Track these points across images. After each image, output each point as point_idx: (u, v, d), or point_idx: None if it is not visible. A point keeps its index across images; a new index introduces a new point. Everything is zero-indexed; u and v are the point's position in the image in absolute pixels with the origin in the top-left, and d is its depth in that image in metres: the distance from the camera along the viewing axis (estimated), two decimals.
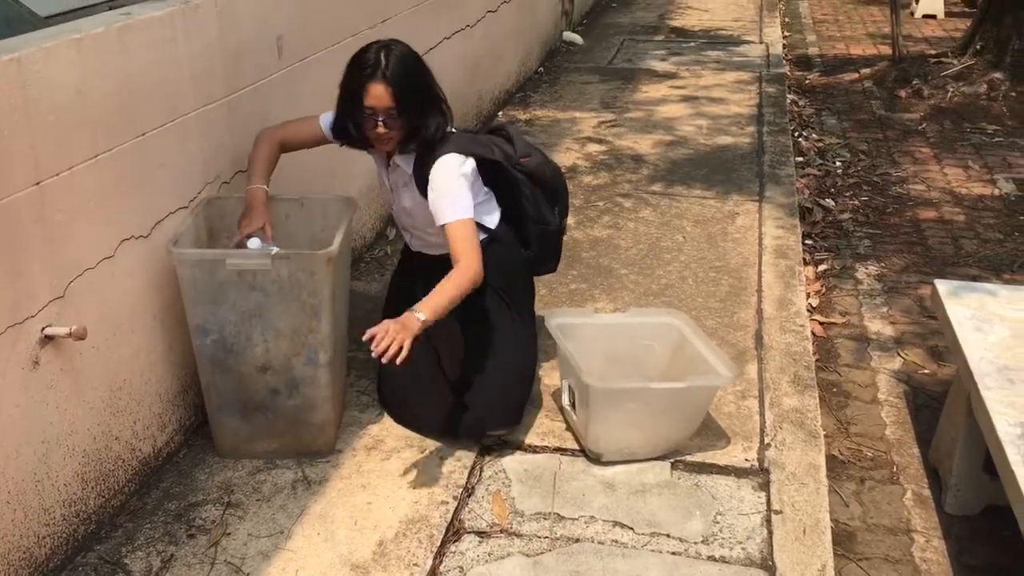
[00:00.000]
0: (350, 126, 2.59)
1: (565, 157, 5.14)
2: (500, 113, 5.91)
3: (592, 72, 7.04)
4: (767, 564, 2.25)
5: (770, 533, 2.35)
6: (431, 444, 2.69)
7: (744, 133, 5.59)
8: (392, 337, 2.22)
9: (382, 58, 2.47)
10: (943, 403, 2.91)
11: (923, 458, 2.92)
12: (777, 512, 2.42)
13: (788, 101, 6.39)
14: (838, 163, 5.53)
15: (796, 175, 4.96)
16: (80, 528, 2.25)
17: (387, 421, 2.80)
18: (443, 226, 2.52)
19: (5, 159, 1.90)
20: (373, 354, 2.21)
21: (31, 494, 2.07)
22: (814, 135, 6.02)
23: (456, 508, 2.44)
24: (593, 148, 5.32)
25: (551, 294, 3.57)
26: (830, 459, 2.83)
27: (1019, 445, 2.19)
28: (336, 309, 2.54)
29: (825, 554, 2.28)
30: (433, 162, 2.56)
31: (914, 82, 6.86)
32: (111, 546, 2.29)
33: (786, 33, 8.88)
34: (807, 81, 7.39)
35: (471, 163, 2.60)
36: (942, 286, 2.90)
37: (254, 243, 2.50)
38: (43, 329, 2.05)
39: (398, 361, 2.22)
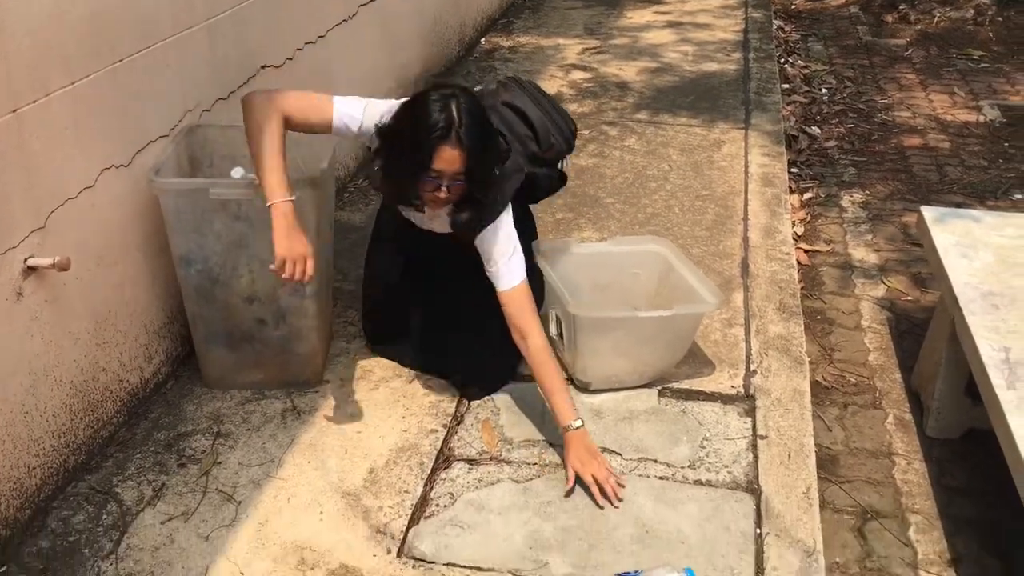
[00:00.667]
0: (400, 181, 2.25)
1: (549, 84, 5.07)
2: (483, 40, 5.81)
3: None
4: (752, 487, 2.29)
5: (755, 457, 2.39)
6: (419, 374, 2.69)
7: (730, 60, 5.53)
8: (605, 478, 2.25)
9: (455, 115, 2.12)
10: (926, 329, 2.94)
11: (905, 383, 2.96)
12: (762, 437, 2.45)
13: (774, 27, 6.31)
14: (824, 90, 5.49)
15: (782, 102, 4.92)
16: (70, 459, 2.25)
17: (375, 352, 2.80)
18: (513, 291, 2.38)
19: None
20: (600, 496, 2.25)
21: (20, 425, 2.07)
22: (800, 61, 5.97)
23: (446, 436, 2.46)
24: (578, 75, 5.25)
25: (537, 224, 3.54)
26: (814, 385, 2.86)
27: (1002, 369, 2.22)
28: (321, 238, 2.51)
29: (809, 477, 2.32)
30: (481, 226, 2.36)
31: (900, 7, 6.79)
32: (102, 476, 2.29)
33: None
34: (793, 6, 7.30)
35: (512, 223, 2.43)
36: (928, 213, 2.91)
37: (237, 172, 2.46)
38: (25, 260, 2.02)
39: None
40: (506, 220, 2.39)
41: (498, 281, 2.38)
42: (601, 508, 2.21)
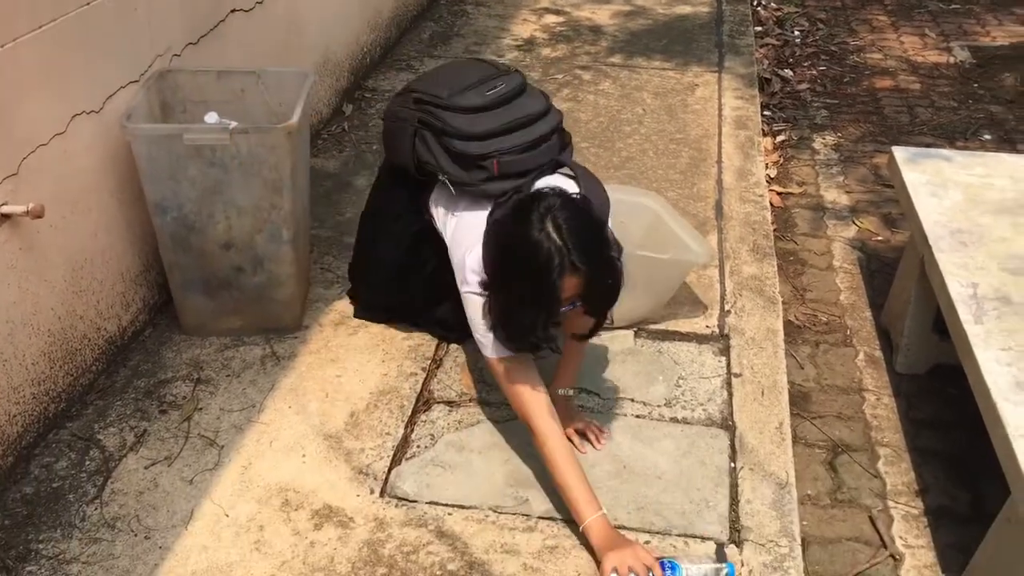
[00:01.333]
0: (529, 332, 1.95)
1: (522, 29, 5.03)
2: None
3: None
4: (727, 424, 2.34)
5: (730, 395, 2.43)
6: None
7: (703, 2, 5.50)
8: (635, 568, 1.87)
9: (559, 240, 1.83)
10: (896, 269, 2.99)
11: (875, 321, 3.01)
12: (736, 375, 2.50)
13: None
14: (796, 32, 5.49)
15: (755, 45, 4.92)
16: (51, 406, 2.26)
17: None
18: None
19: None
20: None
21: None
22: (773, 4, 5.95)
23: (425, 379, 2.48)
24: (550, 19, 5.21)
25: None
26: (787, 324, 2.91)
27: (969, 304, 2.27)
28: (298, 185, 2.51)
29: (782, 413, 2.37)
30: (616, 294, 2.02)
31: None
32: (83, 423, 2.30)
33: None
34: None
35: None
36: (899, 153, 2.94)
37: (211, 117, 2.44)
38: None
39: None
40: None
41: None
42: None
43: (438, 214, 2.34)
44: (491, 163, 2.18)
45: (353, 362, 2.54)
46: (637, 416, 2.37)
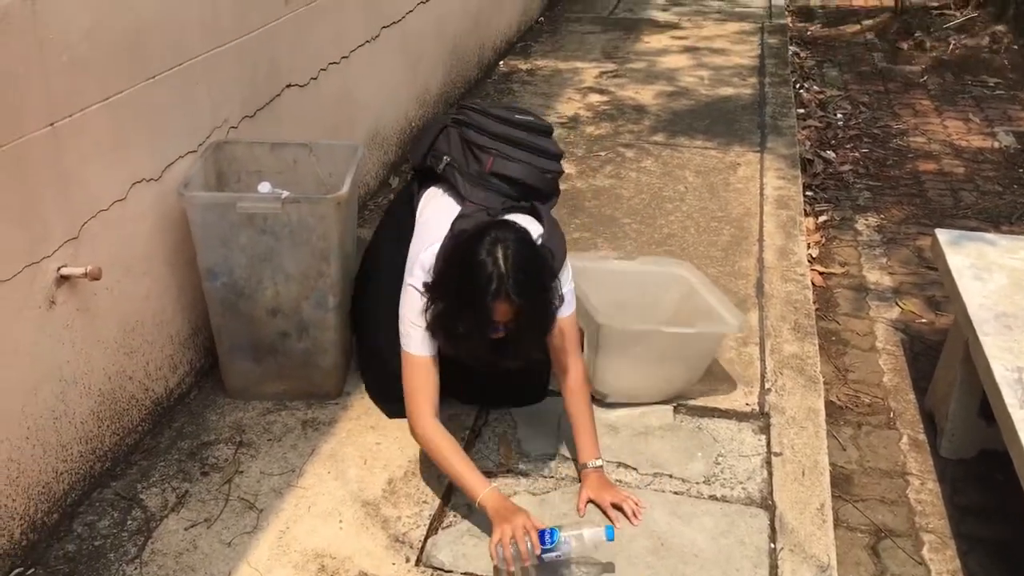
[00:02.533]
0: (460, 343, 2.14)
1: (566, 107, 5.13)
2: (502, 62, 5.88)
3: (593, 22, 6.99)
4: (767, 503, 2.31)
5: (770, 474, 2.41)
6: None
7: (746, 84, 5.59)
8: (623, 499, 2.26)
9: (503, 269, 2.02)
10: (940, 351, 2.97)
11: (919, 404, 2.98)
12: (777, 454, 2.48)
13: (790, 52, 6.36)
14: (839, 115, 5.53)
15: (797, 126, 4.97)
16: (96, 465, 2.30)
17: None
18: (562, 326, 2.32)
19: (20, 100, 1.91)
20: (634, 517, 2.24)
21: (49, 431, 2.12)
22: (815, 87, 6.02)
23: (464, 448, 2.48)
24: (595, 98, 5.31)
25: None
26: (828, 405, 2.89)
27: (1016, 389, 2.24)
28: (345, 253, 2.57)
29: (823, 494, 2.34)
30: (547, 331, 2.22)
31: (916, 34, 6.84)
32: (127, 483, 2.34)
33: None
34: (809, 32, 7.36)
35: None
36: (942, 235, 2.94)
37: (264, 187, 2.52)
38: (59, 269, 2.07)
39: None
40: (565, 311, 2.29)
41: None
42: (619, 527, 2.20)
43: (419, 208, 2.51)
44: (487, 158, 2.44)
45: (392, 430, 2.56)
46: (675, 492, 2.35)
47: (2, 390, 1.96)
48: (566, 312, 2.31)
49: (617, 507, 2.27)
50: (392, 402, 2.56)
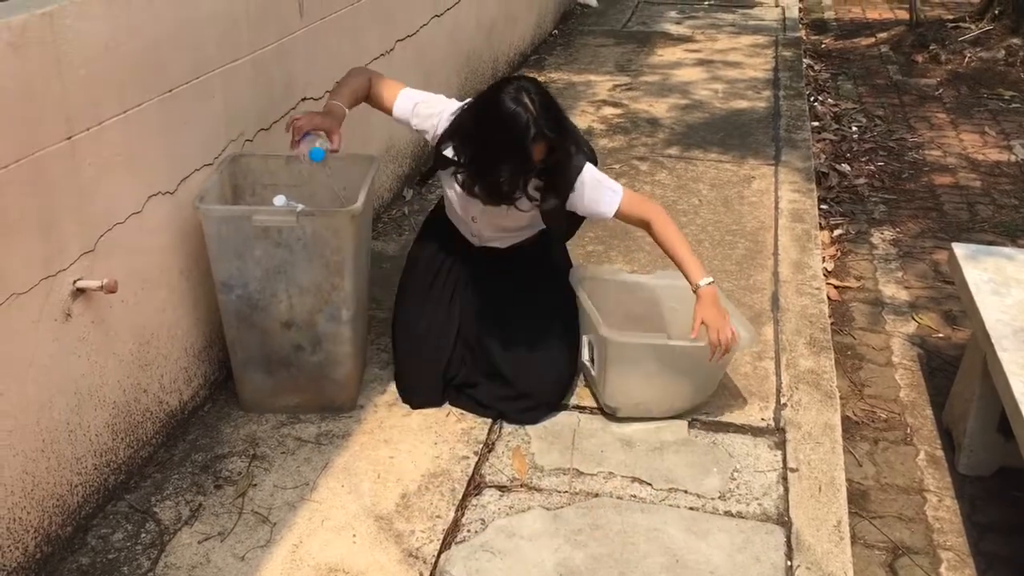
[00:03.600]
0: (504, 187, 2.35)
1: (580, 120, 5.13)
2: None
3: (607, 35, 7.00)
4: (783, 519, 2.29)
5: (786, 490, 2.39)
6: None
7: (760, 97, 5.58)
8: (720, 328, 2.44)
9: (533, 110, 2.29)
10: (957, 366, 2.94)
11: (936, 420, 2.95)
12: (793, 470, 2.46)
13: (804, 65, 6.35)
14: (854, 128, 5.52)
15: (812, 139, 4.95)
16: (111, 478, 2.30)
17: None
18: (621, 201, 2.56)
19: (38, 113, 1.92)
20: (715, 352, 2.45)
21: (64, 443, 2.12)
22: (830, 100, 6.00)
23: (477, 463, 2.48)
24: (608, 111, 5.31)
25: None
26: (844, 420, 2.86)
27: None
28: (359, 266, 2.57)
29: (840, 510, 2.32)
30: (574, 178, 2.51)
31: (931, 47, 6.81)
32: (141, 495, 2.34)
33: None
34: (823, 45, 7.35)
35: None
36: (959, 250, 2.92)
37: (279, 200, 2.53)
38: (75, 282, 2.08)
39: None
40: (587, 173, 2.53)
41: (605, 211, 2.56)
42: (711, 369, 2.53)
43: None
44: None
45: (406, 443, 2.55)
46: (691, 508, 2.33)
47: (17, 403, 1.96)
48: (617, 200, 2.54)
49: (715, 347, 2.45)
50: (422, 393, 2.71)
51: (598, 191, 2.54)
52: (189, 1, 2.41)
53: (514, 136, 2.28)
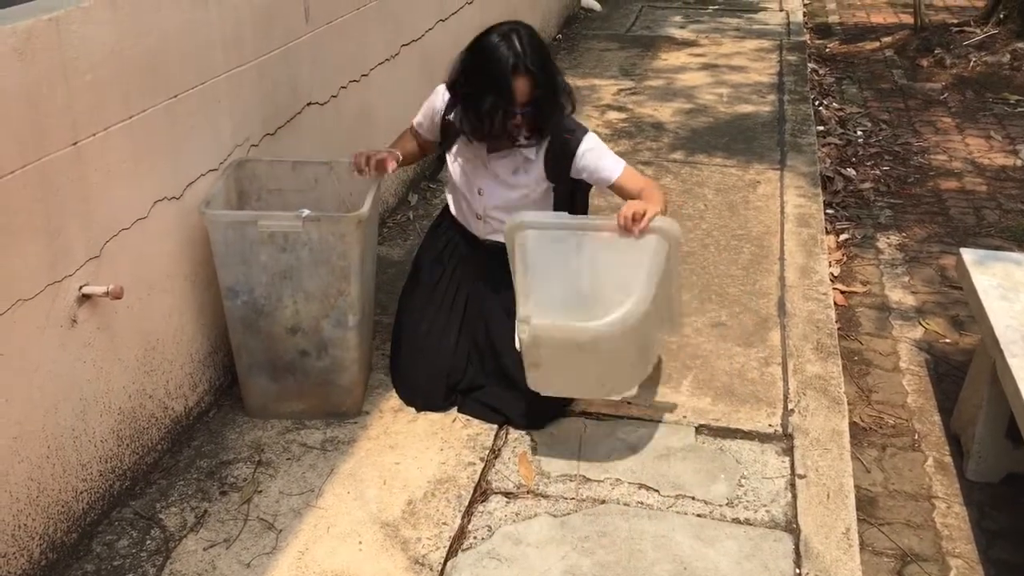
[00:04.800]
0: (486, 120, 2.46)
1: (585, 124, 5.11)
2: None
3: (611, 39, 6.99)
4: (791, 527, 2.28)
5: (794, 497, 2.38)
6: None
7: (765, 101, 5.57)
8: (636, 208, 2.39)
9: (518, 47, 2.41)
10: (965, 372, 2.93)
11: (944, 426, 2.94)
12: (801, 476, 2.45)
13: (809, 70, 6.34)
14: (859, 132, 5.50)
15: (817, 144, 4.94)
16: (116, 484, 2.29)
17: None
18: (623, 175, 2.61)
19: (44, 118, 1.92)
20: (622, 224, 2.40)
21: (69, 450, 2.11)
22: (835, 104, 5.99)
23: (483, 469, 2.47)
24: (613, 115, 5.31)
25: None
26: (852, 426, 2.84)
27: None
28: (365, 272, 2.56)
29: (849, 517, 2.31)
30: (577, 143, 2.59)
31: (936, 51, 6.80)
32: (146, 502, 2.33)
33: (806, 0, 8.79)
34: (828, 49, 7.33)
35: None
36: (967, 255, 2.90)
37: (304, 213, 2.51)
38: (81, 288, 2.07)
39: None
40: (596, 138, 2.63)
41: (607, 174, 2.61)
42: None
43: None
44: None
45: (412, 449, 2.54)
46: (698, 515, 2.32)
47: (23, 409, 1.96)
48: (619, 169, 2.60)
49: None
50: (423, 396, 2.72)
51: (603, 156, 2.61)
52: (195, 6, 2.40)
53: (498, 68, 2.39)
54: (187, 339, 2.54)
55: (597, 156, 2.61)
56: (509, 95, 2.42)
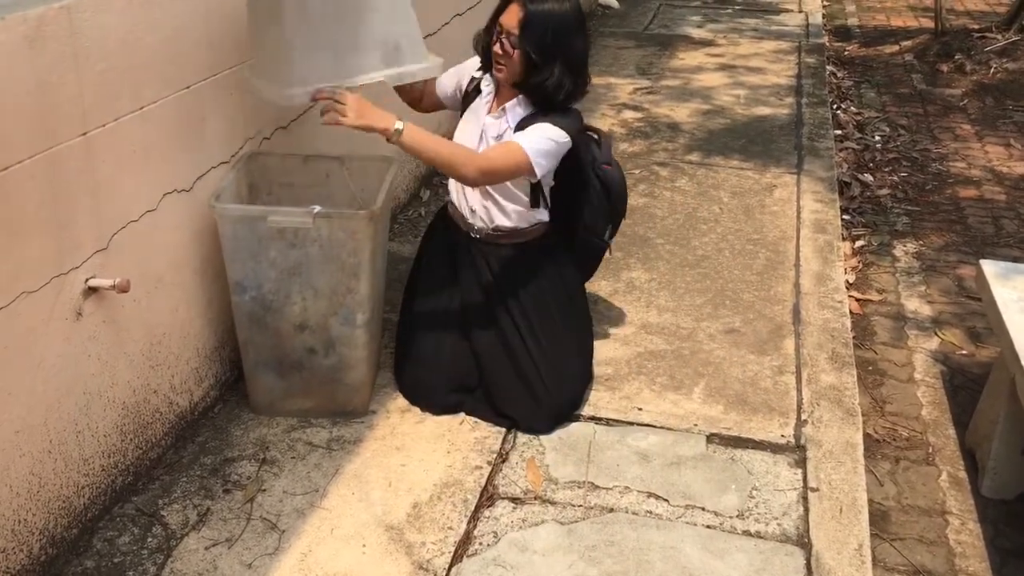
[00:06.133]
0: (482, 38, 2.56)
1: (601, 123, 5.07)
2: None
3: (628, 37, 6.94)
4: (803, 541, 2.24)
5: (806, 510, 2.34)
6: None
7: (783, 104, 5.51)
8: (344, 109, 2.26)
9: None
10: (981, 385, 2.88)
11: (959, 440, 2.89)
12: (814, 489, 2.40)
13: (827, 72, 6.28)
14: (877, 137, 5.44)
15: (835, 148, 4.88)
16: (118, 479, 2.26)
17: None
18: (509, 140, 2.46)
19: (54, 108, 1.89)
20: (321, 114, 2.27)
21: (71, 444, 2.08)
22: (853, 108, 5.92)
23: (490, 473, 2.44)
24: (629, 115, 5.26)
25: None
26: (865, 438, 2.80)
27: None
28: (375, 269, 2.52)
29: (862, 533, 2.26)
30: (539, 121, 2.48)
31: (956, 57, 6.72)
32: (148, 498, 2.30)
33: (825, 2, 8.72)
34: (846, 52, 7.26)
35: (568, 144, 2.52)
36: (988, 267, 2.85)
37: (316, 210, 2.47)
38: (87, 280, 2.04)
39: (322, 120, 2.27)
40: (554, 131, 2.46)
41: (512, 136, 2.48)
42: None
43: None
44: None
45: (418, 451, 2.51)
46: (708, 526, 2.28)
47: (25, 403, 1.93)
48: (522, 140, 2.43)
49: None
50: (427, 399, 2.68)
51: (530, 131, 2.45)
52: None
53: None
54: (194, 333, 2.51)
55: (531, 130, 2.46)
56: (499, 11, 2.47)
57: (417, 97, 2.79)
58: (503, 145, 2.46)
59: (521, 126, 2.51)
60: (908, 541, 2.50)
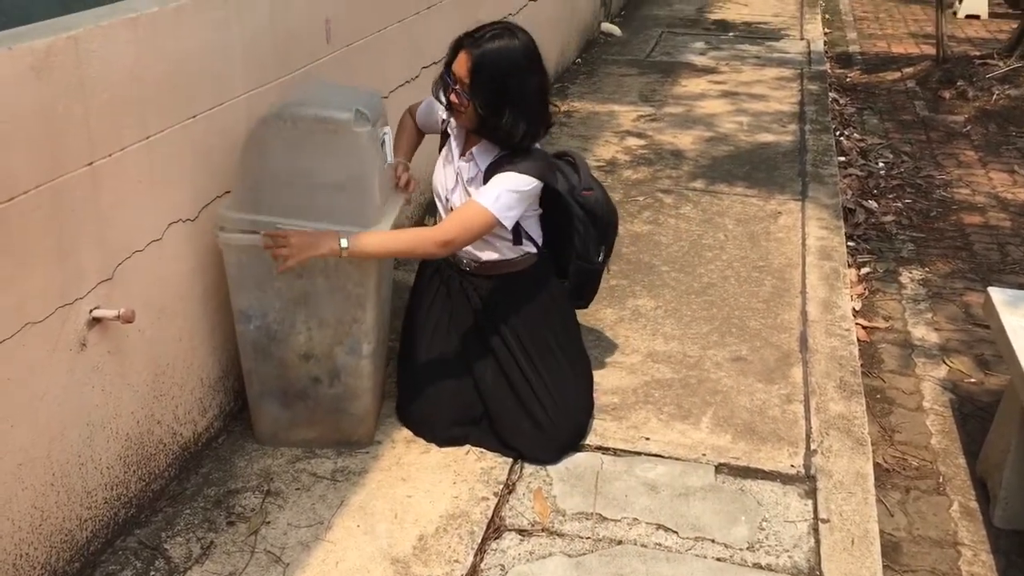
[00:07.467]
0: (439, 85, 2.50)
1: (604, 150, 5.08)
2: None
3: (630, 64, 6.97)
4: (814, 574, 2.20)
5: (817, 542, 2.30)
6: None
7: (786, 131, 5.52)
8: (290, 251, 2.24)
9: (488, 36, 2.40)
10: (991, 413, 2.85)
11: (970, 469, 2.86)
12: (824, 521, 2.37)
13: (830, 99, 6.29)
14: (881, 164, 5.44)
15: (839, 175, 4.88)
16: (121, 512, 2.24)
17: None
18: (470, 201, 2.44)
19: (60, 138, 1.88)
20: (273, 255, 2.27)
21: (74, 476, 2.06)
22: (856, 134, 5.93)
23: (497, 505, 2.41)
24: (632, 142, 5.26)
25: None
26: (875, 467, 2.77)
27: None
28: (381, 299, 2.51)
29: (875, 566, 2.23)
30: (503, 170, 2.46)
31: (959, 83, 6.74)
32: (151, 531, 2.27)
33: (827, 30, 8.76)
34: (848, 79, 7.29)
35: (538, 186, 2.50)
36: (996, 294, 2.83)
37: None
38: (91, 311, 2.03)
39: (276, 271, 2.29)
40: (518, 181, 2.44)
41: (476, 193, 2.46)
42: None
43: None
44: None
45: (424, 482, 2.48)
46: (718, 559, 2.25)
47: (28, 436, 1.91)
48: (483, 199, 2.41)
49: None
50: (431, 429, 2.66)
51: (492, 186, 2.43)
52: (216, 27, 2.37)
53: (457, 36, 2.46)
54: (198, 363, 2.49)
55: (494, 183, 2.44)
56: (449, 65, 2.46)
57: (414, 144, 2.83)
58: (467, 208, 2.44)
59: (490, 171, 2.49)
60: (920, 573, 2.47)
